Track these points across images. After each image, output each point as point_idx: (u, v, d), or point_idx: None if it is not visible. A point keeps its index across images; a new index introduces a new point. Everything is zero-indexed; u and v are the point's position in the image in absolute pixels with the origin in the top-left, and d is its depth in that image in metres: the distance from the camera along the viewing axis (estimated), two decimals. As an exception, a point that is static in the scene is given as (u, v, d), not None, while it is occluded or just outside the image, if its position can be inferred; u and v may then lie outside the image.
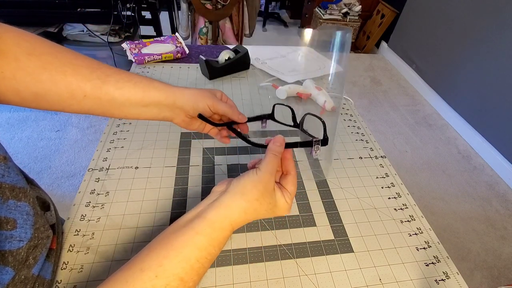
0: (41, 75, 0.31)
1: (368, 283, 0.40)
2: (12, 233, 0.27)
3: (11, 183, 0.28)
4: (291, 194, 0.34)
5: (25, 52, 0.31)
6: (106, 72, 0.35)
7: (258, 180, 0.31)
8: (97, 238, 0.41)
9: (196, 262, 0.27)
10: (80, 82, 0.33)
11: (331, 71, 0.58)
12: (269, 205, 0.32)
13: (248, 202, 0.30)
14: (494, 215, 1.54)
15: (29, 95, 0.32)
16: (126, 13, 1.61)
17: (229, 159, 0.56)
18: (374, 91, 2.44)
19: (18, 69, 0.30)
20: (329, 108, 0.72)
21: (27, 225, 0.29)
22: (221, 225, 0.29)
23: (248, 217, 0.31)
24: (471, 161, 1.85)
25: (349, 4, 2.72)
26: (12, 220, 0.27)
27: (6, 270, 0.26)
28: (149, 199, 0.47)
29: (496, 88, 1.80)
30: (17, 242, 0.27)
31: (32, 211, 0.29)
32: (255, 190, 0.31)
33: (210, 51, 0.92)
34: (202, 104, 0.39)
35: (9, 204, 0.27)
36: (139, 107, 0.37)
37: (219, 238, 0.29)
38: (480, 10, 1.92)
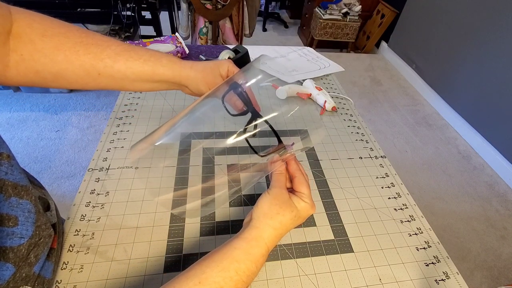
0: (56, 56, 0.33)
1: (368, 283, 0.40)
2: (13, 230, 0.27)
3: (14, 181, 0.28)
4: (305, 193, 0.34)
5: (38, 34, 0.32)
6: (116, 50, 0.36)
7: (271, 198, 0.33)
8: (97, 238, 0.41)
9: (235, 274, 0.28)
10: (93, 61, 0.35)
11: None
12: (291, 213, 0.33)
13: (272, 219, 0.32)
14: (494, 215, 1.54)
15: (49, 75, 0.34)
16: (126, 13, 1.61)
17: (229, 159, 0.56)
18: (374, 91, 2.44)
19: (35, 51, 0.32)
20: (329, 108, 0.72)
21: (28, 222, 0.29)
22: (256, 243, 0.31)
23: (278, 232, 0.32)
24: (471, 161, 1.85)
25: (349, 4, 2.72)
26: (13, 217, 0.27)
27: (7, 266, 0.26)
28: (149, 199, 0.47)
29: (496, 88, 1.80)
30: (18, 239, 0.27)
31: (33, 209, 0.30)
32: (273, 207, 0.33)
33: (210, 51, 0.92)
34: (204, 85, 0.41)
35: (11, 201, 0.27)
36: (149, 82, 0.40)
37: (255, 254, 0.30)
38: (480, 10, 1.92)
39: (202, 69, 0.41)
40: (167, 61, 0.39)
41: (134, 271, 0.38)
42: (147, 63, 0.38)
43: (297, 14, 3.57)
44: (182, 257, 0.40)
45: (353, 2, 2.72)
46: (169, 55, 0.41)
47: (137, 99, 0.68)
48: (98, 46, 0.35)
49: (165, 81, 0.40)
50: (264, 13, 3.39)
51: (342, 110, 0.74)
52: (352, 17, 2.73)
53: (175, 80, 0.40)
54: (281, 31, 3.49)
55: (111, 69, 0.36)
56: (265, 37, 3.31)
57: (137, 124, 0.61)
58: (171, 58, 0.40)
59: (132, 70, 0.37)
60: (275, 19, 3.61)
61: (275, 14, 3.64)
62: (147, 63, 0.38)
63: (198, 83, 0.41)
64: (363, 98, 2.34)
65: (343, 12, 2.70)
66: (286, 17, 3.79)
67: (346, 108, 0.75)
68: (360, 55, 3.00)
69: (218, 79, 0.42)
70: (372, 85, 2.52)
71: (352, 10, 2.71)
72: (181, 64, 0.41)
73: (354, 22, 2.75)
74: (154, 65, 0.39)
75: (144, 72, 0.38)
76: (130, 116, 0.63)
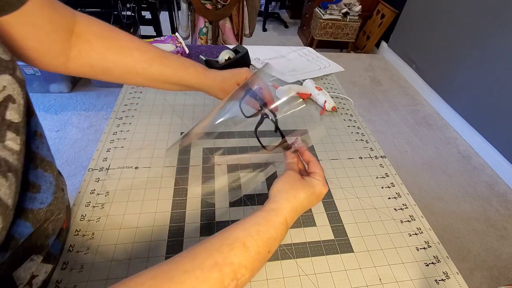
0: (106, 55, 0.40)
1: (368, 283, 0.40)
2: (35, 196, 0.31)
3: (42, 155, 0.33)
4: (318, 173, 0.39)
5: (94, 35, 0.39)
6: (153, 56, 0.44)
7: (284, 177, 0.38)
8: (97, 238, 0.41)
9: (256, 233, 0.31)
10: (134, 63, 0.42)
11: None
12: (304, 189, 0.37)
13: (287, 193, 0.36)
14: (494, 215, 1.54)
15: (100, 70, 0.41)
16: (126, 13, 1.61)
17: (229, 159, 0.56)
18: (374, 91, 2.44)
19: (90, 49, 0.39)
20: (329, 108, 0.72)
21: (49, 192, 0.33)
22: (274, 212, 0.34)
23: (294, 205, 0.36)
24: (471, 161, 1.85)
25: (349, 4, 2.72)
26: (37, 185, 0.31)
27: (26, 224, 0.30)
28: (149, 199, 0.47)
29: (496, 88, 1.80)
30: (39, 204, 0.31)
31: (54, 182, 0.34)
32: (286, 184, 0.37)
33: (210, 51, 0.92)
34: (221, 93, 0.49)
35: (37, 172, 0.32)
36: (177, 86, 0.48)
37: (274, 221, 0.34)
38: (480, 10, 1.92)
39: (221, 80, 0.49)
40: (194, 71, 0.47)
41: (134, 271, 0.38)
42: (176, 70, 0.46)
43: (297, 14, 3.57)
44: (182, 257, 0.40)
45: (353, 2, 2.72)
46: (197, 64, 0.48)
47: (137, 99, 0.68)
48: (139, 50, 0.43)
49: (189, 86, 0.48)
50: (264, 13, 3.39)
51: (342, 110, 0.74)
52: (352, 17, 2.73)
53: (197, 87, 0.48)
54: (281, 31, 3.49)
55: (147, 71, 0.44)
56: (265, 37, 3.31)
57: (137, 124, 0.61)
58: (197, 68, 0.48)
59: (163, 75, 0.45)
60: (275, 19, 3.61)
61: (275, 14, 3.64)
62: (176, 71, 0.46)
63: (217, 91, 0.49)
64: (363, 98, 2.34)
65: (343, 12, 2.70)
66: (286, 17, 3.79)
67: (346, 108, 0.75)
68: (360, 55, 3.00)
69: (234, 87, 0.48)
70: (372, 85, 2.52)
71: (352, 10, 2.71)
72: (205, 74, 0.48)
73: (354, 22, 2.75)
74: (182, 73, 0.46)
75: (173, 78, 0.46)
76: (130, 116, 0.63)
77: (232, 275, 0.28)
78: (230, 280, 0.27)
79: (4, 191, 0.23)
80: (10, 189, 0.24)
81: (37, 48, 0.35)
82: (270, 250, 0.32)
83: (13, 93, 0.26)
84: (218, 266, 0.27)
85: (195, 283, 0.25)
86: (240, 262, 0.29)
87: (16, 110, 0.26)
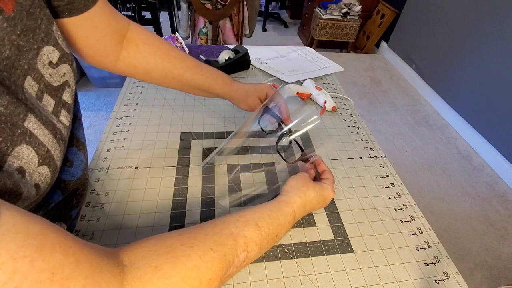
0: (149, 59, 0.46)
1: (368, 283, 0.40)
2: (68, 169, 0.37)
3: (78, 136, 0.39)
4: (330, 179, 0.46)
5: (142, 41, 0.46)
6: (189, 65, 0.49)
7: (297, 176, 0.44)
8: (97, 238, 0.41)
9: (268, 217, 0.36)
10: (171, 69, 0.48)
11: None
12: (314, 189, 0.42)
13: (298, 189, 0.42)
14: (494, 215, 1.54)
15: (142, 71, 0.47)
16: (126, 13, 1.61)
17: (229, 159, 0.56)
18: (374, 91, 2.44)
19: (137, 52, 0.45)
20: (329, 108, 0.72)
21: (79, 168, 0.38)
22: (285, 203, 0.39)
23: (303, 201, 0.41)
24: (471, 161, 1.85)
25: (349, 4, 2.72)
26: (71, 161, 0.37)
27: (58, 192, 0.35)
28: (149, 199, 0.47)
29: (496, 88, 1.80)
30: (70, 176, 0.37)
31: (85, 160, 0.40)
32: (299, 181, 0.43)
33: (210, 51, 0.92)
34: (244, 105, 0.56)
35: (72, 150, 0.37)
36: (206, 93, 0.53)
37: (284, 210, 0.39)
38: (480, 10, 1.92)
39: (244, 93, 0.54)
40: (222, 81, 0.53)
41: (134, 271, 0.38)
42: (207, 79, 0.51)
43: (297, 14, 3.57)
44: (182, 257, 0.40)
45: (353, 2, 2.72)
46: (226, 76, 0.53)
47: (137, 99, 0.68)
48: (177, 58, 0.48)
49: (216, 94, 0.54)
50: (264, 13, 3.39)
51: (342, 110, 0.74)
52: (352, 17, 2.73)
53: (222, 95, 0.54)
54: (281, 31, 3.49)
55: (182, 77, 0.49)
56: (265, 37, 3.31)
57: (137, 124, 0.61)
58: (225, 80, 0.53)
59: (196, 82, 0.50)
60: (275, 19, 3.61)
61: (275, 14, 3.63)
62: (208, 80, 0.51)
63: (240, 103, 0.55)
64: (363, 98, 2.34)
65: (343, 12, 2.70)
66: (286, 17, 3.79)
67: (346, 108, 0.75)
68: (360, 55, 3.00)
69: (256, 101, 0.55)
70: (372, 85, 2.52)
71: (352, 10, 2.71)
72: (231, 86, 0.53)
73: (354, 22, 2.74)
74: (212, 82, 0.52)
75: (203, 85, 0.51)
76: (130, 116, 0.63)
77: (244, 246, 0.32)
78: (242, 250, 0.32)
79: (57, 153, 0.28)
80: (61, 154, 0.29)
81: (95, 47, 0.40)
82: (277, 234, 0.37)
83: (69, 80, 0.32)
84: (233, 236, 0.32)
85: (214, 244, 0.30)
86: (251, 237, 0.33)
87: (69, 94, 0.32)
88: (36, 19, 0.27)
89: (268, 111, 0.50)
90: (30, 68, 0.26)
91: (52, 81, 0.29)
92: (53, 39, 0.29)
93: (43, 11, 0.28)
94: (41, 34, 0.27)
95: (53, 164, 0.27)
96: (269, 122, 0.52)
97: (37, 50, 0.27)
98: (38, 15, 0.27)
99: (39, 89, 0.27)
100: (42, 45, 0.28)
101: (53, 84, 0.29)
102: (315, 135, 0.65)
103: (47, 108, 0.28)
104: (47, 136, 0.26)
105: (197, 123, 0.63)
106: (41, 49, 0.27)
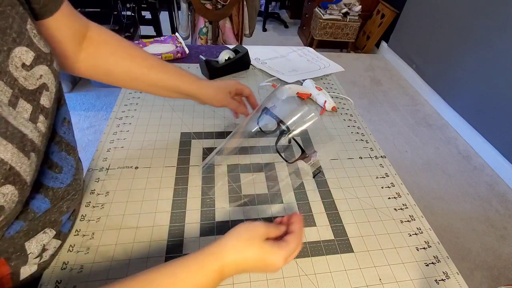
0: (110, 59, 0.45)
1: (368, 283, 0.40)
2: (57, 176, 0.35)
3: (68, 140, 0.37)
4: (287, 247, 0.34)
5: (102, 41, 0.44)
6: (152, 64, 0.48)
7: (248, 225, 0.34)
8: (97, 238, 0.41)
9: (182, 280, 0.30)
10: (134, 68, 0.46)
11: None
12: (257, 250, 0.33)
13: (238, 241, 0.33)
14: (494, 215, 1.54)
15: (103, 72, 0.45)
16: (126, 13, 1.61)
17: (229, 159, 0.56)
18: (374, 91, 2.44)
19: (97, 52, 0.44)
20: (329, 108, 0.72)
21: (69, 173, 0.36)
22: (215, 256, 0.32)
23: (238, 258, 0.32)
24: (471, 161, 1.85)
25: (349, 4, 2.72)
26: (60, 167, 0.35)
27: (45, 200, 0.33)
28: (149, 199, 0.47)
29: (496, 88, 1.80)
30: (59, 183, 0.35)
31: (75, 165, 0.38)
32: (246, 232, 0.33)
33: (210, 51, 0.92)
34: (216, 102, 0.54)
35: (61, 154, 0.35)
36: (173, 92, 0.51)
37: (207, 268, 0.31)
38: (480, 10, 1.92)
39: (214, 90, 0.53)
40: (189, 80, 0.51)
41: (134, 271, 0.38)
42: (172, 77, 0.49)
43: (297, 14, 3.57)
44: (182, 257, 0.40)
45: (353, 2, 2.72)
46: (192, 75, 0.52)
47: (137, 99, 0.68)
48: (140, 57, 0.47)
49: (184, 94, 0.51)
50: (264, 13, 3.39)
51: (342, 110, 0.74)
52: (352, 17, 2.72)
53: (192, 94, 0.52)
54: (281, 31, 3.49)
55: (146, 76, 0.47)
56: (265, 37, 3.31)
57: (137, 124, 0.61)
58: (193, 79, 0.51)
59: (161, 81, 0.49)
60: (275, 19, 3.61)
61: (275, 14, 3.63)
62: (173, 79, 0.49)
63: (212, 100, 0.53)
64: (363, 98, 2.34)
65: (343, 12, 2.70)
66: (286, 17, 3.79)
67: (346, 108, 0.75)
68: (360, 55, 3.00)
69: (228, 96, 0.54)
70: (372, 85, 2.52)
71: (352, 10, 2.71)
72: (199, 84, 0.52)
73: (354, 22, 2.74)
74: (178, 82, 0.50)
75: (169, 84, 0.49)
76: (130, 116, 0.63)
77: None
78: None
79: (24, 168, 0.26)
80: (31, 167, 0.27)
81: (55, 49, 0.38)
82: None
83: (47, 82, 0.30)
84: None
85: None
86: None
87: (48, 97, 0.30)
88: (7, 18, 0.25)
89: (267, 111, 0.50)
90: (2, 72, 0.24)
91: (27, 85, 0.27)
92: (27, 39, 0.27)
93: (14, 9, 0.26)
94: (13, 34, 0.26)
95: (19, 181, 0.25)
96: (268, 122, 0.51)
97: (7, 52, 0.25)
98: (9, 14, 0.26)
99: (13, 94, 0.25)
100: (14, 46, 0.26)
101: (29, 87, 0.27)
102: (315, 135, 0.65)
103: (22, 115, 0.26)
104: (10, 152, 0.24)
105: (197, 123, 0.63)
106: (12, 51, 0.26)
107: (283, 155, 0.51)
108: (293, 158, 0.54)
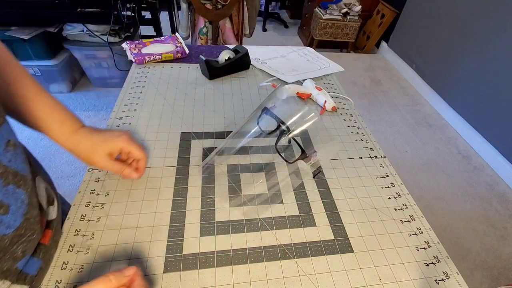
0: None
1: (368, 283, 0.40)
2: (2, 218, 0.27)
3: (15, 169, 0.29)
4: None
5: None
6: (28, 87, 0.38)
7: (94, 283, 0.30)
8: (97, 238, 0.41)
9: None
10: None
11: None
12: None
13: None
14: (494, 215, 1.54)
15: None
16: (126, 13, 1.61)
17: (229, 159, 0.56)
18: (374, 91, 2.44)
19: None
20: (329, 108, 0.72)
21: (18, 213, 0.29)
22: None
23: None
24: (471, 161, 1.85)
25: (349, 4, 2.72)
26: (6, 205, 0.27)
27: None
28: (149, 199, 0.47)
29: (496, 88, 1.80)
30: (4, 229, 0.27)
31: (27, 200, 0.30)
32: None
33: (210, 51, 0.92)
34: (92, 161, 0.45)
35: (8, 188, 0.28)
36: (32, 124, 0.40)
37: None
38: (480, 10, 1.92)
39: (89, 146, 0.43)
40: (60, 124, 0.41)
41: (134, 271, 0.38)
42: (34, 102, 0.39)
43: (297, 14, 3.57)
44: (182, 257, 0.40)
45: (353, 2, 2.72)
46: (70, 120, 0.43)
47: (137, 99, 0.68)
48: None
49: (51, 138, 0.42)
50: (264, 13, 3.39)
51: (342, 110, 0.74)
52: (352, 17, 2.72)
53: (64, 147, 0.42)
54: (281, 31, 3.49)
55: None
56: (265, 37, 3.31)
57: (137, 124, 0.61)
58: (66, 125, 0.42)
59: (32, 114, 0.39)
60: (275, 19, 3.61)
61: (275, 14, 3.63)
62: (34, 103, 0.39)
63: (84, 159, 0.44)
64: (363, 98, 2.34)
65: (343, 12, 2.70)
66: (286, 17, 3.79)
67: (346, 108, 0.75)
68: (360, 55, 3.00)
69: (104, 158, 0.44)
70: (372, 85, 2.52)
71: (352, 10, 2.71)
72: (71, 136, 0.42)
73: (354, 22, 2.74)
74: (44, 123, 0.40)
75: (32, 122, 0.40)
76: (130, 116, 0.63)
77: None
78: None
79: None
80: None
81: None
82: None
83: None
84: None
85: None
86: None
87: None
88: None
89: (267, 111, 0.50)
90: None
91: None
92: None
93: None
94: None
95: None
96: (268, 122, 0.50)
97: None
98: None
99: None
100: None
101: None
102: (315, 135, 0.65)
103: None
104: None
105: (197, 123, 0.63)
106: None
107: (283, 155, 0.51)
108: (293, 158, 0.54)
